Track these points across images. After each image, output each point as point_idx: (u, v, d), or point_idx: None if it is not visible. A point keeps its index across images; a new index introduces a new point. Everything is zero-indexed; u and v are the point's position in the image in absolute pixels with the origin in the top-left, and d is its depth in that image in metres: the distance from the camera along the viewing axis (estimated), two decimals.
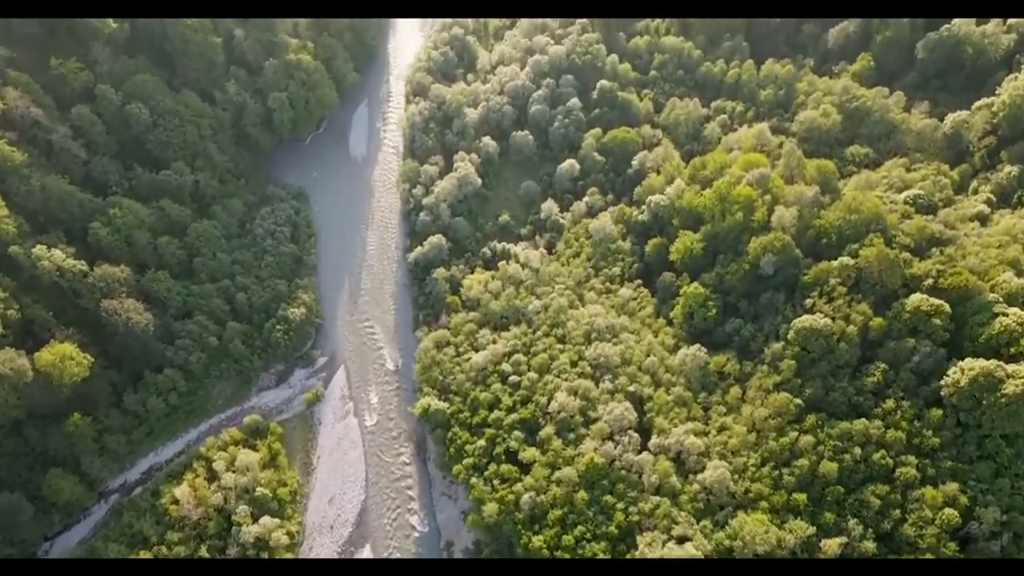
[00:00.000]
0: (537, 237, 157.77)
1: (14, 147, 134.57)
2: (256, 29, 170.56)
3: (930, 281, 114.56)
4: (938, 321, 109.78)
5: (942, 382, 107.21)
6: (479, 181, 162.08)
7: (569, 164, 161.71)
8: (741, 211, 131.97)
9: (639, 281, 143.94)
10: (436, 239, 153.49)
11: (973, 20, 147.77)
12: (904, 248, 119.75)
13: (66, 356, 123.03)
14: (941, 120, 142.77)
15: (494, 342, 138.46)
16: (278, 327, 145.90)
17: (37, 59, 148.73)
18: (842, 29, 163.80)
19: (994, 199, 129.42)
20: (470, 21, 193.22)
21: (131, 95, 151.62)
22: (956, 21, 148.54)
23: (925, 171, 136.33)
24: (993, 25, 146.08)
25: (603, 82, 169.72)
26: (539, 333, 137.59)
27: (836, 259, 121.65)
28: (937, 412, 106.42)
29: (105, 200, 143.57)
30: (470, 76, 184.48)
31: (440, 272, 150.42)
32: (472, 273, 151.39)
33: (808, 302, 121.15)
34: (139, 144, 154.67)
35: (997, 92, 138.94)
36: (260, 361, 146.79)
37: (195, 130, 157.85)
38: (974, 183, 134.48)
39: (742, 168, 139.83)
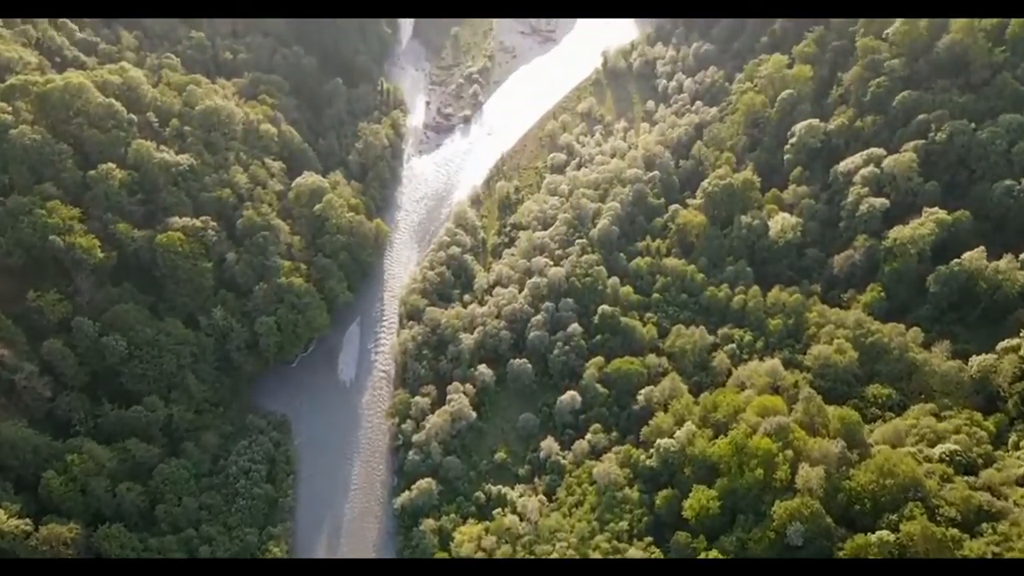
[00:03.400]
0: (536, 479, 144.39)
1: None
2: (249, 252, 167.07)
3: None
4: None
5: None
6: (473, 415, 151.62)
7: (570, 396, 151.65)
8: (761, 467, 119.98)
9: (650, 539, 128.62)
10: (426, 484, 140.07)
11: (983, 255, 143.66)
12: (950, 521, 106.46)
13: None
14: (965, 361, 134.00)
15: None
16: None
17: (16, 289, 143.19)
18: (847, 256, 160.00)
19: None
20: (467, 239, 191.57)
21: (110, 326, 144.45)
22: (966, 255, 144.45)
23: (957, 420, 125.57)
24: (1006, 261, 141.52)
25: (604, 307, 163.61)
26: None
27: (873, 531, 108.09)
28: None
29: (64, 443, 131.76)
30: (467, 296, 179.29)
31: (428, 523, 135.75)
32: (464, 523, 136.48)
33: None
34: (113, 375, 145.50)
35: (1021, 333, 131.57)
36: None
37: (174, 359, 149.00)
38: (1012, 436, 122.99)
39: (757, 412, 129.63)
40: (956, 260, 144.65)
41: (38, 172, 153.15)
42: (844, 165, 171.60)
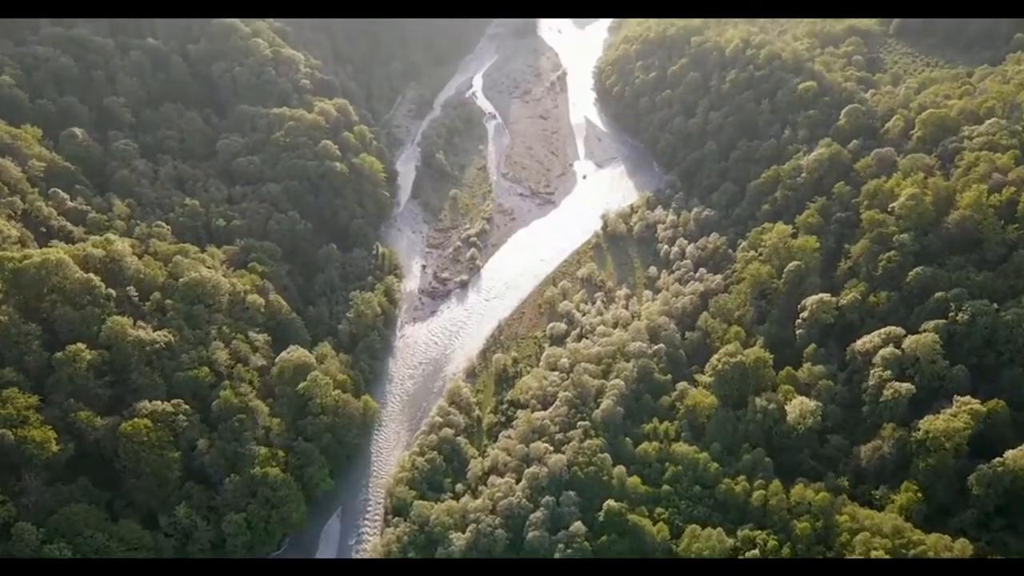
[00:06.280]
0: None
1: None
2: (222, 439, 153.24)
3: None
4: None
5: None
6: None
7: None
8: None
9: None
10: None
11: None
12: None
13: None
14: None
15: None
16: None
17: None
18: (875, 448, 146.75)
19: None
20: (461, 418, 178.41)
21: (56, 531, 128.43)
22: (1008, 454, 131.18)
23: None
24: None
25: (610, 503, 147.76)
26: None
27: None
28: None
29: None
30: (459, 486, 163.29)
31: None
32: None
33: None
34: None
35: None
36: None
37: None
38: None
39: None
40: (999, 459, 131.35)
41: (1, 356, 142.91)
42: (861, 344, 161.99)
